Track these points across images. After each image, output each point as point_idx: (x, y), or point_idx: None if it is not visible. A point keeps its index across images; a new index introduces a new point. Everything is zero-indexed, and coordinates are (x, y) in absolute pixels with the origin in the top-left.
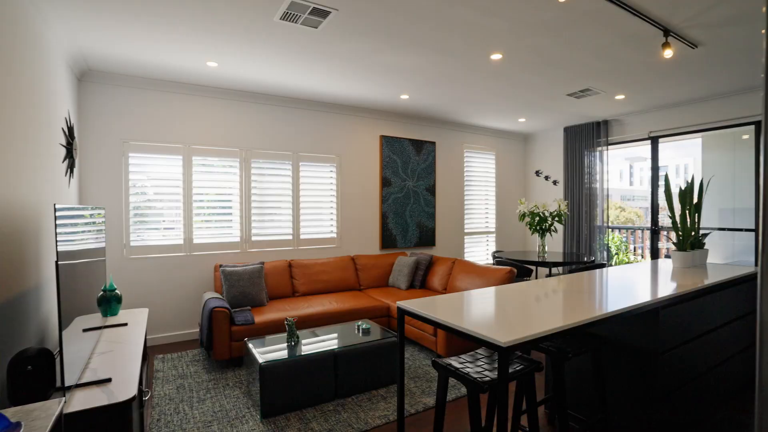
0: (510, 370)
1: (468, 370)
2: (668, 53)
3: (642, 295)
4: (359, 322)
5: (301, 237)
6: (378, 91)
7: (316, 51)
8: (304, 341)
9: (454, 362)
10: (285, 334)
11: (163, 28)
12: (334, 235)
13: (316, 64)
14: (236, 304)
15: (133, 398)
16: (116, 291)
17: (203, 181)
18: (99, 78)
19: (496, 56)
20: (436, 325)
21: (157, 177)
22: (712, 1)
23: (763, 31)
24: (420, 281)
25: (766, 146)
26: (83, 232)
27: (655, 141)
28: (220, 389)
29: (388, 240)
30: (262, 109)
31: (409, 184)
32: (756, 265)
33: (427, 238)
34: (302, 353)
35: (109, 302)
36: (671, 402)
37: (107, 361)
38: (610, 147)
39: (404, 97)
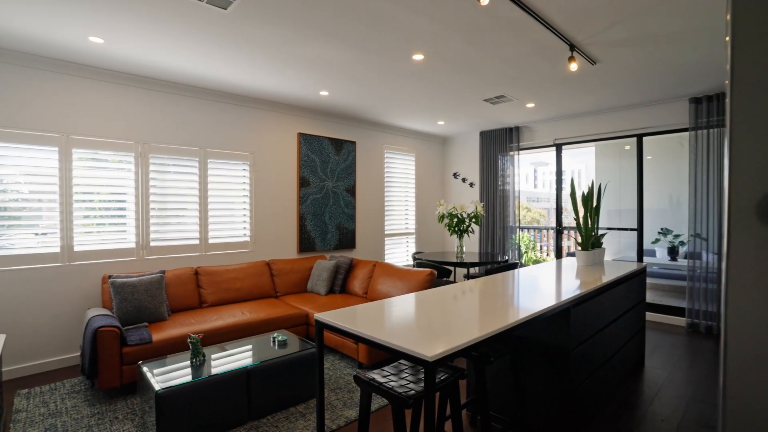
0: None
1: (392, 384)
2: (573, 66)
3: (556, 295)
4: (275, 334)
5: (210, 241)
6: (296, 86)
7: (226, 35)
8: (213, 358)
9: (378, 376)
10: (189, 353)
11: None
12: (248, 239)
13: (227, 50)
14: (130, 320)
15: None
16: None
17: (89, 177)
18: None
19: (418, 56)
20: (359, 339)
21: (30, 172)
22: (610, 21)
23: (727, 38)
24: (340, 286)
25: (731, 151)
26: None
27: (559, 147)
28: (107, 425)
29: (306, 243)
30: (164, 99)
31: (328, 184)
32: (638, 261)
33: (347, 240)
34: (210, 373)
35: None
36: (580, 395)
37: None
38: (521, 152)
39: (324, 93)
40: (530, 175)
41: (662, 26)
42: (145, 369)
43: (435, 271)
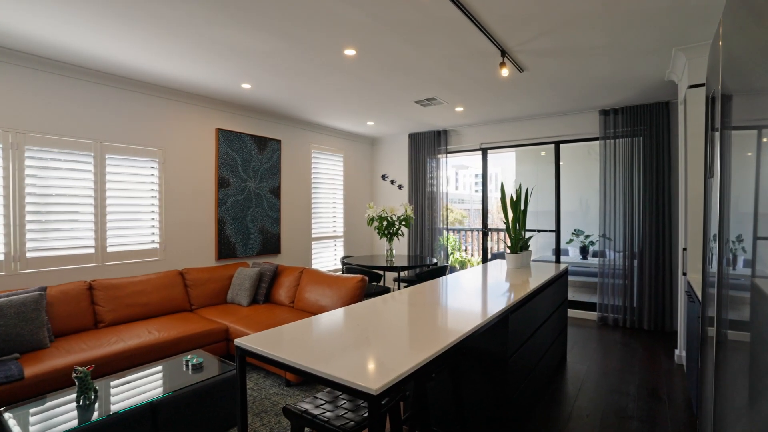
0: None
1: (328, 415)
2: (505, 72)
3: (496, 303)
4: (188, 356)
5: (109, 250)
6: (214, 76)
7: (130, 7)
8: (112, 392)
9: (311, 406)
10: (76, 389)
11: None
12: (157, 246)
13: (131, 26)
14: None
15: None
16: None
17: None
18: None
19: (350, 52)
20: (289, 369)
21: None
22: (540, 31)
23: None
24: (264, 295)
25: (721, 154)
26: None
27: (485, 152)
28: None
29: (226, 249)
30: (45, 80)
31: (250, 185)
32: (556, 261)
33: (272, 245)
34: (104, 413)
35: None
36: (517, 399)
37: None
38: (448, 155)
39: (246, 86)
40: (452, 178)
41: (584, 39)
42: (9, 417)
43: (366, 278)
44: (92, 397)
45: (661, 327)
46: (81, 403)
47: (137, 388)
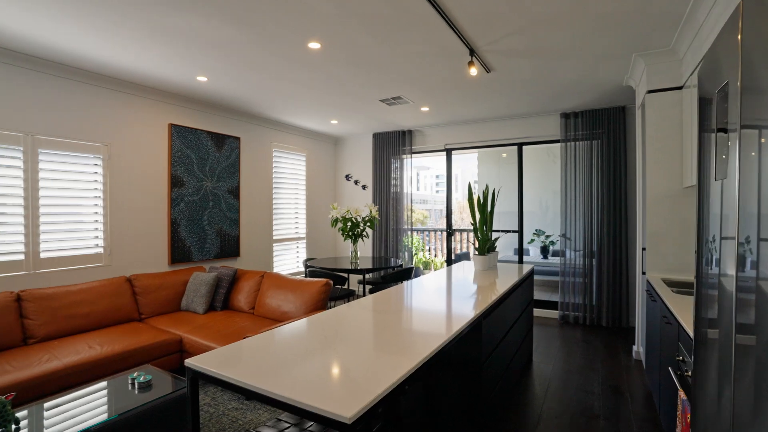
0: None
1: None
2: (474, 71)
3: (468, 309)
4: (135, 374)
5: (43, 256)
6: (167, 66)
7: None
8: (39, 422)
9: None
10: None
11: None
12: (101, 251)
13: (71, 7)
14: None
15: None
16: None
17: None
18: None
19: (314, 45)
20: (251, 395)
21: None
22: (509, 30)
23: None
24: (222, 301)
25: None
26: None
27: (449, 152)
28: None
29: (180, 253)
30: None
31: (207, 185)
32: (519, 261)
33: (231, 247)
34: None
35: None
36: (490, 405)
37: None
38: (413, 155)
39: (202, 79)
40: (413, 178)
41: (551, 41)
42: None
43: (330, 282)
44: (12, 430)
45: (619, 323)
46: None
47: (71, 416)
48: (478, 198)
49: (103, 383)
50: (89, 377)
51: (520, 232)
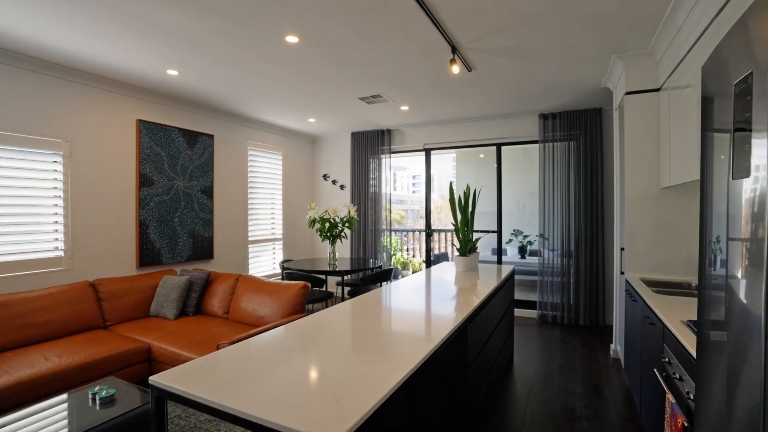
0: None
1: None
2: (456, 69)
3: (454, 313)
4: (96, 388)
5: None
6: (134, 58)
7: None
8: None
9: None
10: None
11: None
12: (61, 254)
13: None
14: None
15: None
16: None
17: None
18: None
19: (292, 39)
20: (224, 417)
21: None
22: (490, 28)
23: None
24: (194, 306)
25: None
26: None
27: (428, 152)
28: None
29: (149, 255)
30: None
31: (178, 184)
32: (498, 261)
33: (204, 249)
34: None
35: None
36: (476, 410)
37: None
38: (392, 155)
39: (172, 73)
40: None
41: (533, 40)
42: None
43: (308, 284)
44: None
45: (596, 322)
46: None
47: None
48: (459, 198)
49: (61, 398)
50: (44, 393)
51: (499, 232)
